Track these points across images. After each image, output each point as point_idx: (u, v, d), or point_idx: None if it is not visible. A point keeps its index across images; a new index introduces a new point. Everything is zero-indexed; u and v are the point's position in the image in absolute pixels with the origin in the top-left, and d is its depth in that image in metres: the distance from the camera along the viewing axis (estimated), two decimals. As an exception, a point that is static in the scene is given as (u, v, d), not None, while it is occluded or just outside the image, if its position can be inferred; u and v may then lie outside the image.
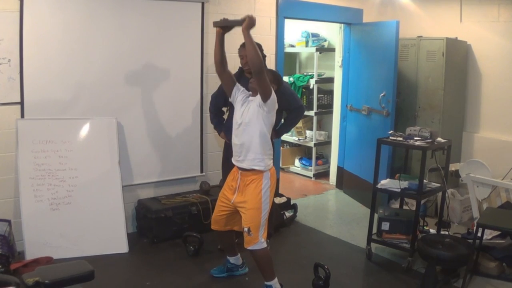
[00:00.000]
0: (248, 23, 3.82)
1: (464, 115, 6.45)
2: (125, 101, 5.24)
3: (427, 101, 6.20)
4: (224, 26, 4.01)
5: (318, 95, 7.87)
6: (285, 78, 7.87)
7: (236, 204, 4.04)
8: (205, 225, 5.20)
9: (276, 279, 4.06)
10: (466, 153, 6.39)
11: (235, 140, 4.07)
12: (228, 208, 4.14)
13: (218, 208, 4.24)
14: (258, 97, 3.87)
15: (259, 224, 3.93)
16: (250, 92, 4.06)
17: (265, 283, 4.07)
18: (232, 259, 4.49)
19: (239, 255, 4.50)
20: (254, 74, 3.78)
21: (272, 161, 4.08)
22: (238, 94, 4.09)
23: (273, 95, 3.90)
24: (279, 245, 5.25)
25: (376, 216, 4.98)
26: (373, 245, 4.97)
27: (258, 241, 3.95)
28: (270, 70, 4.31)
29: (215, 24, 4.02)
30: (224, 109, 5.07)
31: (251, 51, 3.75)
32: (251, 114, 3.92)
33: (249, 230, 3.92)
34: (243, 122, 3.96)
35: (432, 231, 5.23)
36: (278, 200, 5.94)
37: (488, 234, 4.79)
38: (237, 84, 4.16)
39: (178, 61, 5.47)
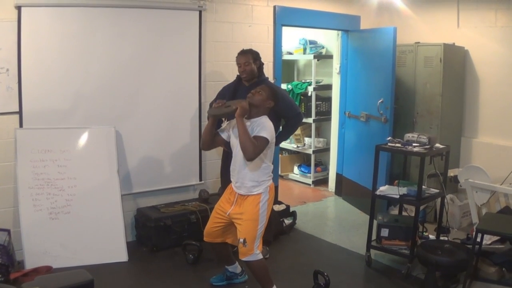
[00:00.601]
0: (241, 111, 3.82)
1: (462, 121, 6.46)
2: (123, 110, 5.25)
3: (425, 107, 6.21)
4: (218, 115, 4.02)
5: (316, 102, 7.88)
6: (283, 86, 7.87)
7: (232, 216, 4.02)
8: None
9: (274, 287, 4.06)
10: (464, 158, 6.39)
11: (233, 165, 4.07)
12: (224, 221, 4.11)
13: (213, 220, 4.20)
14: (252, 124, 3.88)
15: (254, 236, 3.91)
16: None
17: (263, 292, 4.06)
18: (230, 268, 4.47)
19: (237, 263, 4.48)
20: (248, 160, 3.80)
21: (270, 181, 4.06)
22: (230, 130, 4.06)
23: (271, 140, 3.89)
24: (279, 252, 5.24)
25: (375, 222, 4.98)
26: (372, 251, 4.96)
27: (253, 253, 3.92)
28: (268, 87, 4.24)
29: (210, 113, 4.03)
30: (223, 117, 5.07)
31: (243, 138, 3.75)
32: None
33: (244, 241, 3.89)
34: (239, 150, 3.91)
35: (432, 237, 5.23)
36: (277, 207, 5.93)
37: (488, 239, 4.79)
38: (220, 130, 4.13)
39: (176, 70, 5.49)
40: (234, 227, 4.05)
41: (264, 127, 3.86)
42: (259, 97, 3.94)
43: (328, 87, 7.73)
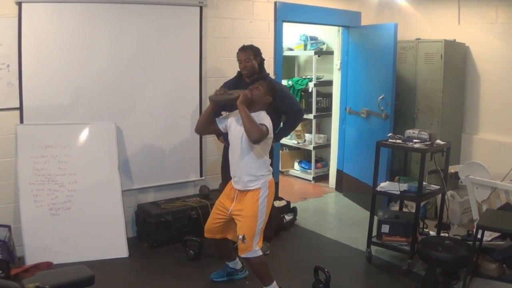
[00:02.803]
0: (243, 98, 3.84)
1: (463, 117, 6.46)
2: (124, 106, 5.25)
3: (426, 104, 6.20)
4: (220, 101, 4.04)
5: (317, 98, 7.88)
6: (284, 82, 7.89)
7: (233, 213, 4.02)
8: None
9: (274, 283, 4.05)
10: (465, 155, 6.39)
11: (230, 159, 4.07)
12: (224, 217, 4.12)
13: (213, 216, 4.21)
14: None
15: (254, 233, 3.90)
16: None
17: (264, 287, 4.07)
18: (231, 264, 4.48)
19: (237, 259, 4.48)
20: (253, 142, 3.79)
21: (270, 176, 4.06)
22: (227, 121, 4.07)
23: (270, 132, 3.89)
24: (279, 248, 5.24)
25: (376, 218, 4.98)
26: (373, 247, 4.97)
27: (252, 249, 3.92)
28: (266, 82, 4.24)
29: (211, 99, 4.04)
30: (223, 113, 5.07)
31: (247, 124, 3.74)
32: (246, 142, 3.89)
33: (243, 237, 3.89)
34: (237, 145, 3.94)
35: (432, 233, 5.23)
36: (277, 203, 5.94)
37: (488, 236, 4.79)
38: (218, 118, 4.15)
39: (176, 65, 5.48)
40: (234, 223, 4.05)
41: (263, 120, 3.89)
42: (257, 92, 3.95)
43: (329, 83, 7.73)
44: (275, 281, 4.07)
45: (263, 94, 3.97)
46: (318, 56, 7.85)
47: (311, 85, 7.82)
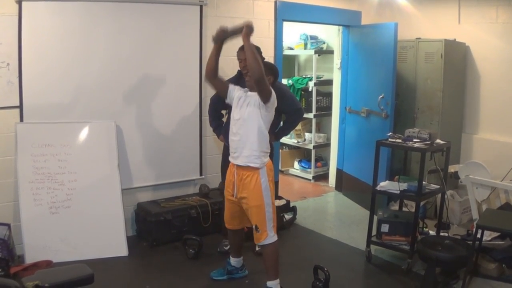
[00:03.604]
0: (247, 29, 3.86)
1: (463, 117, 6.46)
2: (124, 105, 5.24)
3: (426, 103, 6.20)
4: (223, 38, 4.03)
5: (317, 98, 7.88)
6: (284, 81, 7.89)
7: (240, 200, 4.07)
8: (204, 228, 5.22)
9: (278, 280, 4.08)
10: (465, 154, 6.39)
11: (232, 136, 4.08)
12: (235, 204, 4.16)
13: (227, 207, 4.27)
14: (257, 95, 3.89)
15: (264, 219, 3.97)
16: (247, 89, 4.06)
17: (267, 282, 4.08)
18: (233, 261, 4.49)
19: (241, 258, 4.51)
20: (255, 81, 3.79)
21: (268, 158, 4.09)
22: (234, 92, 4.11)
23: (273, 96, 3.93)
24: (279, 247, 5.18)
25: (375, 218, 4.98)
26: (372, 247, 4.97)
27: (268, 236, 4.00)
28: (266, 63, 4.28)
29: (214, 38, 4.04)
30: (223, 112, 5.07)
31: (251, 58, 3.77)
32: (250, 111, 3.93)
33: (256, 227, 3.97)
34: (241, 117, 3.98)
35: (432, 232, 5.23)
36: (277, 202, 5.91)
37: (488, 236, 4.79)
38: (231, 84, 4.19)
39: (177, 64, 5.48)
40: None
41: None
42: None
43: (329, 82, 7.73)
44: (279, 278, 4.09)
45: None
46: (318, 55, 7.85)
47: (311, 84, 7.81)
